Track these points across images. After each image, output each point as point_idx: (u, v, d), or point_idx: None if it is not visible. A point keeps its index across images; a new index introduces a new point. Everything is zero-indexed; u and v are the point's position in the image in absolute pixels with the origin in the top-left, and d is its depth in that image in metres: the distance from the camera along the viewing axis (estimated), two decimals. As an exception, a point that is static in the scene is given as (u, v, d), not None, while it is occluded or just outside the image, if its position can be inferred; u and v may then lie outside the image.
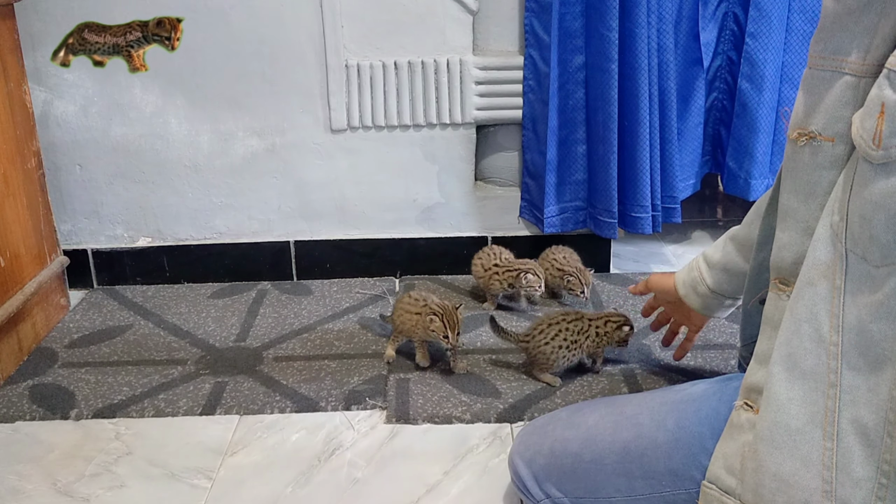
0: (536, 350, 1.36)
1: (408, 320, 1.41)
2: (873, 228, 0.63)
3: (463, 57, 1.70)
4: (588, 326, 1.37)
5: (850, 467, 0.67)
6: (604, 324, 1.38)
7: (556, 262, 1.68)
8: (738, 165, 1.78)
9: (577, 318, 1.38)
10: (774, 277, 0.78)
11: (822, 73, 0.70)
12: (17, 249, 1.52)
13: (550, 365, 1.36)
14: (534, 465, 0.99)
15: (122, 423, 1.31)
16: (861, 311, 0.66)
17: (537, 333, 1.36)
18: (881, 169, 0.62)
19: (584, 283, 1.63)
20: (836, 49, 0.69)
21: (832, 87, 0.69)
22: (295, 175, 1.78)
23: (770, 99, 1.72)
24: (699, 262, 1.20)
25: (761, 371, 0.76)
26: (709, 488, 0.79)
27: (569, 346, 1.35)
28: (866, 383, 0.66)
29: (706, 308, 1.20)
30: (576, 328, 1.36)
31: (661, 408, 0.92)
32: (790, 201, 0.75)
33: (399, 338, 1.46)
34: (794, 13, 1.68)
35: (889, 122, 0.61)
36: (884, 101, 0.61)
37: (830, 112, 0.70)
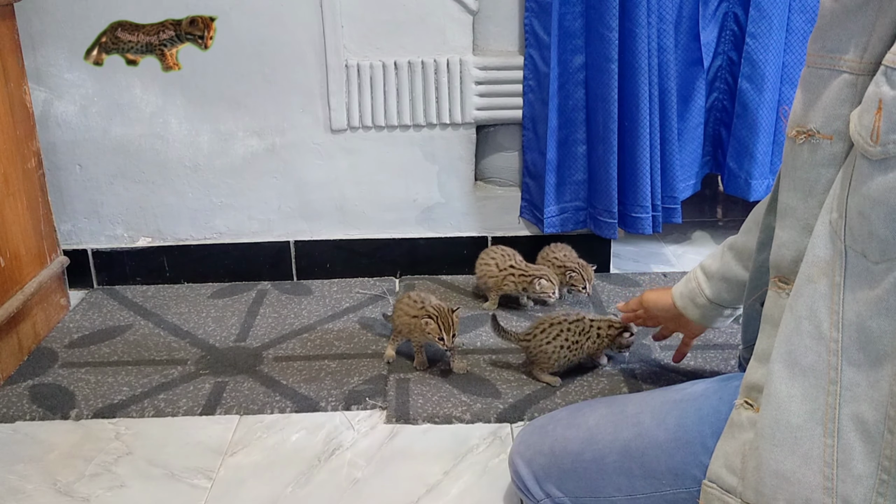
0: (538, 349, 1.36)
1: (406, 323, 1.41)
2: (872, 225, 0.63)
3: (463, 57, 1.70)
4: (589, 327, 1.37)
5: (850, 464, 0.67)
6: (606, 327, 1.38)
7: (557, 260, 1.68)
8: (739, 166, 1.78)
9: (578, 319, 1.38)
10: (774, 276, 0.78)
11: (820, 71, 0.70)
12: (17, 249, 1.51)
13: (551, 364, 1.36)
14: (534, 464, 0.99)
15: (122, 423, 1.31)
16: (860, 308, 0.66)
17: (539, 332, 1.36)
18: (879, 165, 0.62)
19: (587, 278, 1.63)
20: (834, 47, 0.69)
21: (830, 86, 0.70)
22: (295, 175, 1.78)
23: (770, 99, 1.71)
24: (696, 273, 1.19)
25: (761, 369, 0.76)
26: (710, 487, 0.79)
27: (570, 347, 1.35)
28: (867, 379, 0.66)
29: (705, 319, 1.20)
30: (577, 329, 1.36)
31: (661, 407, 0.92)
32: (789, 199, 0.75)
33: (399, 338, 1.46)
34: (795, 13, 1.68)
35: (886, 118, 0.61)
36: (881, 98, 0.62)
37: (829, 110, 0.70)
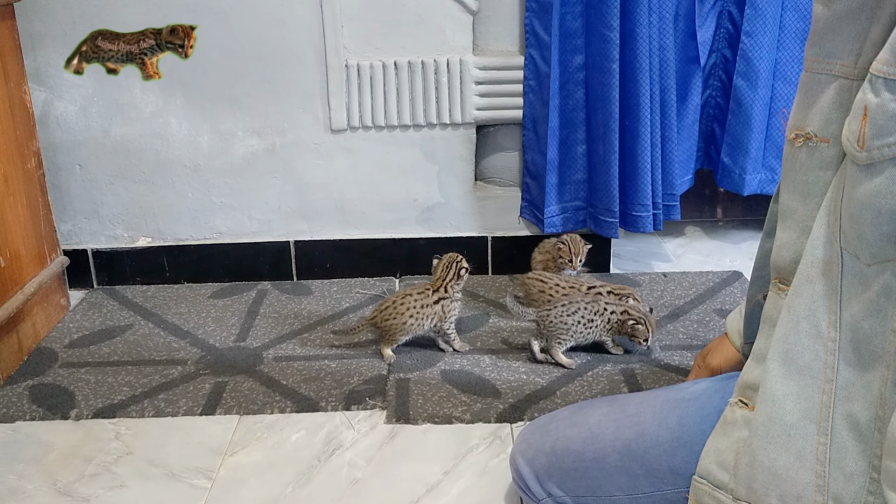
0: (558, 320, 1.41)
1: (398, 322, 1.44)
2: (861, 228, 0.64)
3: (463, 57, 1.70)
4: (604, 310, 1.43)
5: (843, 462, 0.68)
6: (620, 313, 1.43)
7: (552, 243, 1.68)
8: (733, 161, 1.82)
9: (594, 301, 1.45)
10: (775, 277, 0.78)
11: (816, 76, 0.72)
12: (17, 249, 1.51)
13: (568, 337, 1.41)
14: (535, 463, 0.99)
15: (122, 423, 1.31)
16: (855, 309, 0.67)
17: (559, 305, 1.43)
18: (866, 170, 0.64)
19: (574, 252, 1.63)
20: (830, 53, 0.70)
21: (826, 90, 0.71)
22: (295, 175, 1.78)
23: (764, 95, 1.76)
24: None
25: (758, 369, 0.77)
26: (700, 483, 0.80)
27: (585, 324, 1.42)
28: (861, 379, 0.67)
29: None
30: (593, 309, 1.43)
31: (663, 406, 0.92)
32: (789, 201, 0.76)
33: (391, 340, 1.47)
34: (788, 11, 1.73)
35: (871, 124, 0.63)
36: (866, 105, 0.63)
37: (825, 114, 0.71)
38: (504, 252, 1.84)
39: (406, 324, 1.43)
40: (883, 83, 0.61)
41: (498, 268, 1.85)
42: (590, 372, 1.42)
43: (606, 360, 1.45)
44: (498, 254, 1.84)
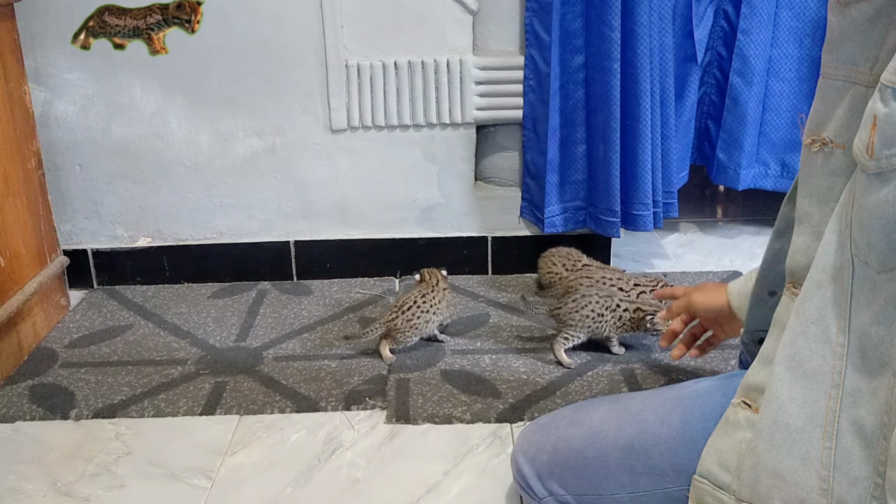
0: (573, 311, 1.43)
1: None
2: (870, 236, 0.65)
3: (463, 57, 1.70)
4: (617, 307, 1.44)
5: (847, 467, 0.67)
6: (633, 311, 1.43)
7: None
8: (728, 157, 1.86)
9: (609, 295, 1.45)
10: (789, 281, 0.79)
11: (834, 82, 0.72)
12: (17, 249, 1.51)
13: (577, 330, 1.43)
14: (537, 462, 0.99)
15: (122, 423, 1.31)
16: (864, 315, 0.67)
17: (570, 301, 1.45)
18: (874, 179, 0.64)
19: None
20: (847, 59, 0.70)
21: (844, 97, 0.71)
22: (295, 175, 1.78)
23: (759, 92, 1.80)
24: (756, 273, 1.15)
25: (763, 371, 0.76)
26: (700, 482, 0.79)
27: (595, 318, 1.43)
28: (868, 385, 0.67)
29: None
30: (605, 304, 1.43)
31: (665, 404, 0.92)
32: (805, 206, 0.76)
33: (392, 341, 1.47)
34: (782, 9, 1.78)
35: (880, 134, 0.62)
36: (875, 114, 0.63)
37: (841, 120, 0.71)
38: (504, 252, 1.84)
39: (430, 321, 1.48)
40: (892, 93, 0.61)
41: (498, 268, 1.85)
42: (590, 372, 1.41)
43: (606, 360, 1.45)
44: (498, 254, 1.84)
